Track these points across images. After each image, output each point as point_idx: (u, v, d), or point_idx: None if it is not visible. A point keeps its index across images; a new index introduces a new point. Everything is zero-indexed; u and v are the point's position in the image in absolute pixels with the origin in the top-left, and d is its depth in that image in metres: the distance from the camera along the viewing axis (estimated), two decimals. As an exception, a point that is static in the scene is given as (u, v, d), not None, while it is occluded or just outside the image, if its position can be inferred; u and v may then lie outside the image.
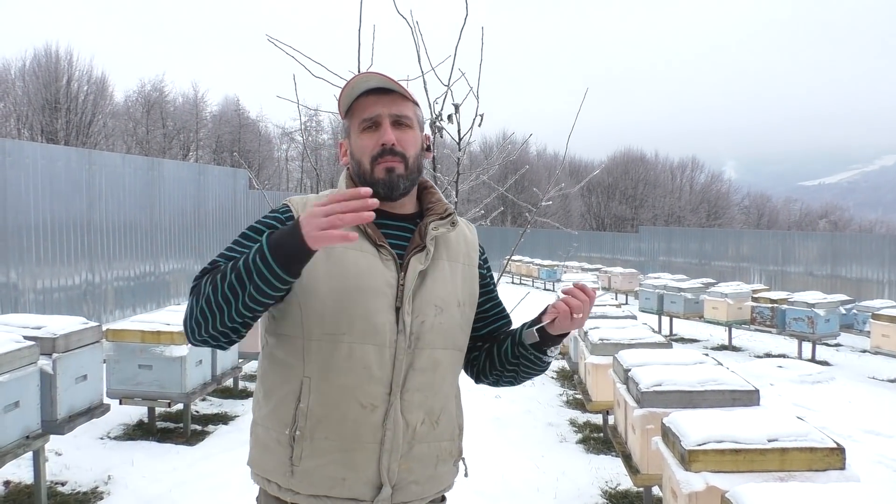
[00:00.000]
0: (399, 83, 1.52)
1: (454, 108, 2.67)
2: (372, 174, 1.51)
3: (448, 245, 1.60)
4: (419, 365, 1.49)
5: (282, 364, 1.50)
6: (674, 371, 3.58)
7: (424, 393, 1.51)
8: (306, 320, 1.45)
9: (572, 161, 46.63)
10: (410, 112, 1.56)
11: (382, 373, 1.45)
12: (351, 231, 1.32)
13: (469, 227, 1.74)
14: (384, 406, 1.46)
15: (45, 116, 28.40)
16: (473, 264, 1.66)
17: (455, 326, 1.56)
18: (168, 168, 13.37)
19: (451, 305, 1.55)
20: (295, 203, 1.56)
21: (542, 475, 4.71)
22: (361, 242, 1.49)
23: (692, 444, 2.56)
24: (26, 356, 3.66)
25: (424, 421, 1.51)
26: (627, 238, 25.46)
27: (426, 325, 1.50)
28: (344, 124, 1.61)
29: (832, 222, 54.81)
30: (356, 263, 1.46)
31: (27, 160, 9.71)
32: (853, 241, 17.17)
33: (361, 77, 1.52)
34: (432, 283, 1.53)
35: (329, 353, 1.44)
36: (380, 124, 1.52)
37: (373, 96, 1.53)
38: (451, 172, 3.02)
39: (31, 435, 3.69)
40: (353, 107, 1.55)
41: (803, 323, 9.55)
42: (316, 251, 1.25)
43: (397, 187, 1.52)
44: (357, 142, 1.54)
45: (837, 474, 2.51)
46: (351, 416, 1.44)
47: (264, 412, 1.52)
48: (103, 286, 11.21)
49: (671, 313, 11.68)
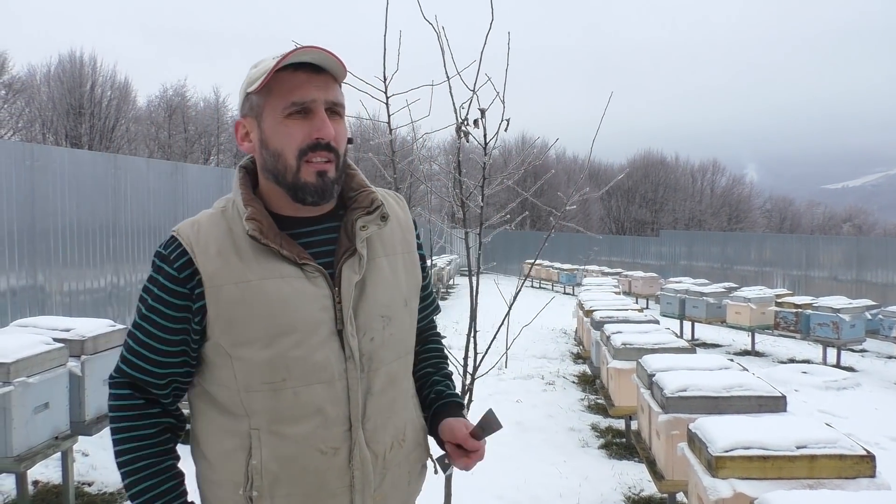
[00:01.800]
0: (341, 61, 1.25)
1: (480, 112, 2.67)
2: (297, 174, 1.25)
3: (382, 237, 1.36)
4: (377, 388, 1.30)
5: (221, 412, 1.28)
6: (699, 376, 3.55)
7: (386, 415, 1.33)
8: (239, 372, 1.23)
9: (592, 164, 46.43)
10: (342, 97, 1.30)
11: (338, 411, 1.26)
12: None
13: (399, 202, 1.48)
14: (347, 445, 1.27)
15: (69, 121, 28.81)
16: (412, 249, 1.44)
17: (405, 330, 1.37)
18: (191, 172, 13.51)
19: (398, 309, 1.35)
20: (185, 233, 1.27)
21: (564, 480, 4.70)
22: (279, 265, 1.24)
23: (719, 451, 2.54)
24: (56, 358, 3.72)
25: (392, 445, 1.35)
26: (648, 242, 25.29)
27: (376, 342, 1.30)
28: (253, 100, 1.28)
29: (856, 226, 54.04)
30: (279, 294, 1.23)
31: (55, 165, 9.86)
32: (878, 244, 16.93)
33: (295, 51, 1.22)
34: (373, 290, 1.31)
35: (273, 404, 1.23)
36: (312, 112, 1.24)
37: (303, 74, 1.24)
38: (475, 177, 3.02)
39: (59, 436, 3.74)
40: (275, 81, 1.23)
41: (828, 328, 9.43)
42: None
43: (329, 194, 1.28)
44: (279, 128, 1.24)
45: (868, 482, 2.48)
46: (311, 467, 1.25)
47: (210, 473, 1.31)
48: (128, 289, 11.34)
49: (693, 318, 11.58)
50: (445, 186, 3.47)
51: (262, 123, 1.27)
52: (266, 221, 1.27)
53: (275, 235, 1.26)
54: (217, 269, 1.24)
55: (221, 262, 1.24)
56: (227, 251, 1.25)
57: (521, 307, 3.76)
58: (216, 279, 1.23)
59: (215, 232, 1.27)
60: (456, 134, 2.73)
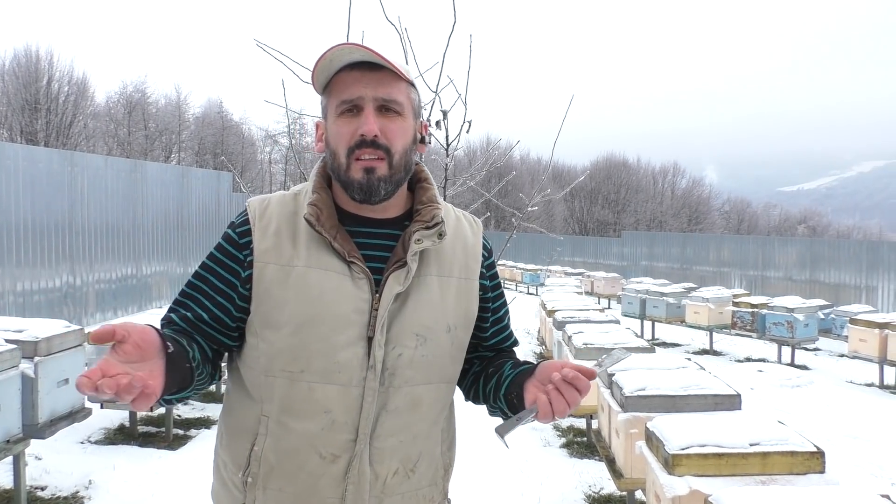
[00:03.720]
0: (390, 59, 1.23)
1: (442, 114, 2.69)
2: (347, 171, 1.25)
3: (440, 256, 1.32)
4: (393, 406, 1.26)
5: (243, 394, 1.30)
6: (657, 376, 3.61)
7: (399, 438, 1.27)
8: (264, 354, 1.25)
9: (555, 166, 46.87)
10: (402, 96, 1.27)
11: (347, 417, 1.23)
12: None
13: (472, 226, 1.43)
14: (348, 455, 1.23)
15: (24, 117, 28.08)
16: (472, 276, 1.36)
17: (443, 356, 1.30)
18: (151, 170, 13.29)
19: (437, 332, 1.29)
20: (253, 207, 1.32)
21: (525, 479, 4.73)
22: (327, 258, 1.25)
23: (676, 449, 2.59)
24: (7, 360, 3.62)
25: (398, 471, 1.28)
26: (610, 242, 25.63)
27: (404, 358, 1.25)
28: (322, 101, 1.31)
29: (811, 228, 55.48)
30: (319, 286, 1.23)
31: (8, 161, 9.61)
32: (831, 246, 17.43)
33: (342, 48, 1.21)
34: (415, 306, 1.27)
35: (286, 393, 1.23)
36: (361, 108, 1.24)
37: (356, 72, 1.24)
38: (438, 178, 3.03)
39: (11, 439, 3.65)
40: (333, 82, 1.26)
41: (783, 327, 9.67)
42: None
43: (377, 192, 1.25)
44: (333, 128, 1.26)
45: (818, 478, 2.55)
46: (307, 468, 1.24)
47: (223, 444, 1.34)
48: (84, 289, 11.10)
49: (653, 318, 11.78)
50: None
51: (327, 123, 1.29)
52: (327, 211, 1.28)
53: (331, 227, 1.26)
54: (269, 247, 1.26)
55: (275, 242, 1.26)
56: (284, 232, 1.27)
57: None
58: (265, 256, 1.26)
59: (281, 211, 1.30)
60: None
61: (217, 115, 38.52)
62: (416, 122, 1.32)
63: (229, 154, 35.95)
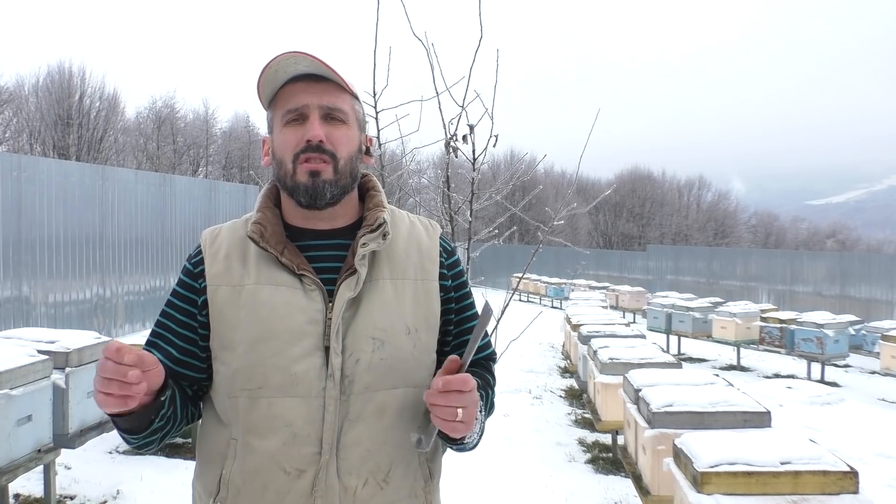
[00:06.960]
0: (335, 70, 1.26)
1: (469, 128, 2.70)
2: (293, 176, 1.27)
3: (392, 259, 1.32)
4: (356, 414, 1.24)
5: (215, 420, 1.30)
6: (685, 391, 3.57)
7: (366, 447, 1.25)
8: (224, 376, 1.25)
9: (579, 179, 46.69)
10: (346, 105, 1.30)
11: (310, 430, 1.21)
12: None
13: (428, 230, 1.42)
14: (313, 469, 1.21)
15: (57, 132, 28.70)
16: (430, 277, 1.34)
17: (405, 360, 1.27)
18: (179, 184, 13.48)
19: (395, 335, 1.26)
20: (204, 237, 1.36)
21: (550, 495, 4.70)
22: (277, 273, 1.26)
23: (705, 466, 2.56)
24: (40, 370, 3.69)
25: (368, 481, 1.25)
26: (635, 256, 25.45)
27: (362, 363, 1.24)
28: (267, 116, 1.34)
29: (840, 242, 54.63)
30: (270, 302, 1.24)
31: (42, 175, 9.83)
32: (861, 261, 17.14)
33: (286, 57, 1.23)
34: (368, 310, 1.26)
35: (248, 412, 1.23)
36: (306, 116, 1.27)
37: (301, 83, 1.27)
38: (464, 192, 3.05)
39: (42, 448, 3.71)
40: (279, 95, 1.30)
41: (812, 343, 9.51)
42: (134, 411, 1.14)
43: (322, 195, 1.26)
44: (279, 137, 1.29)
45: (851, 498, 2.50)
46: (273, 486, 1.22)
47: (197, 473, 1.34)
48: (114, 300, 11.28)
49: (679, 332, 11.64)
50: (434, 201, 3.50)
51: (273, 135, 1.32)
52: (271, 227, 1.30)
53: (277, 242, 1.28)
54: (220, 270, 1.29)
55: (225, 265, 1.29)
56: (233, 255, 1.30)
57: (509, 321, 3.77)
58: (216, 280, 1.28)
59: (230, 237, 1.34)
60: (445, 149, 2.75)
61: (244, 129, 39.06)
62: (361, 134, 1.35)
63: (256, 168, 36.35)
